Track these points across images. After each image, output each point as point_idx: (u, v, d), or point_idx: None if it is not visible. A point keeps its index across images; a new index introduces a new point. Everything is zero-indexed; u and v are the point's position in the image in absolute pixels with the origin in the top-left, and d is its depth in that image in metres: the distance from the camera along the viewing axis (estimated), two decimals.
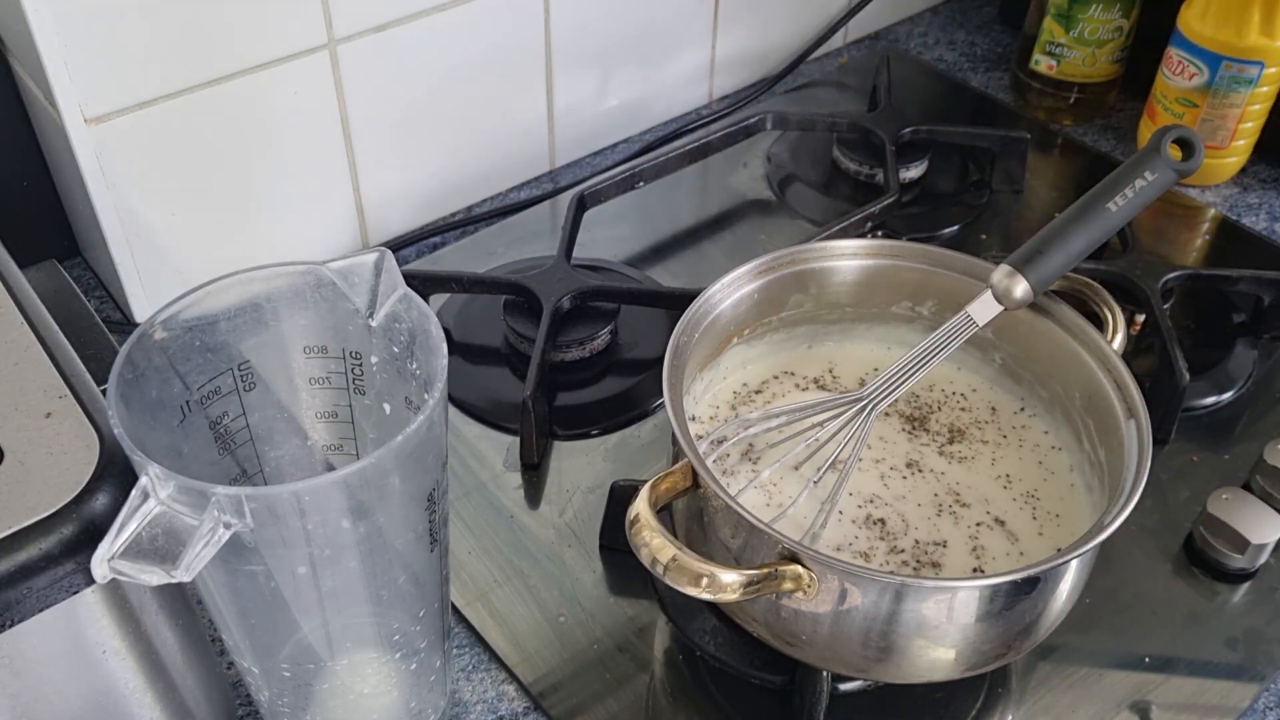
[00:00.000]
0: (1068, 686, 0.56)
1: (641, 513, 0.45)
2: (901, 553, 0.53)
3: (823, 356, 0.62)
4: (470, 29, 0.76)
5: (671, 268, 0.79)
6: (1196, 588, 0.60)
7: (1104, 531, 0.45)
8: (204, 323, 0.44)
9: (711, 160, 0.84)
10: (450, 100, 0.78)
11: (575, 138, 0.89)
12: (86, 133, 0.63)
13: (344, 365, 0.48)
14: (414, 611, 0.48)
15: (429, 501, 0.43)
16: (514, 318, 0.71)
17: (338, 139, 0.74)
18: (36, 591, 0.37)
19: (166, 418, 0.43)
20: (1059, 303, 0.56)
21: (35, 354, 0.42)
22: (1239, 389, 0.71)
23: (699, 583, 0.44)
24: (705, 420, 0.58)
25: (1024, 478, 0.56)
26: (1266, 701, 0.56)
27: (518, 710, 0.55)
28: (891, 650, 0.47)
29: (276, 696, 0.49)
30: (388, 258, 0.45)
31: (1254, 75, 0.80)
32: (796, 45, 0.99)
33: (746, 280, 0.57)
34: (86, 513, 0.38)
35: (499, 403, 0.68)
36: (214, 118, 0.67)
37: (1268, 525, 0.59)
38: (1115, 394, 0.53)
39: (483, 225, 0.83)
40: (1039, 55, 0.91)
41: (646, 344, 0.72)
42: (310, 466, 0.51)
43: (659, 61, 0.90)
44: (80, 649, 0.41)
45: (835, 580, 0.45)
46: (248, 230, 0.74)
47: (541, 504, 0.63)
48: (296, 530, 0.39)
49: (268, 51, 0.67)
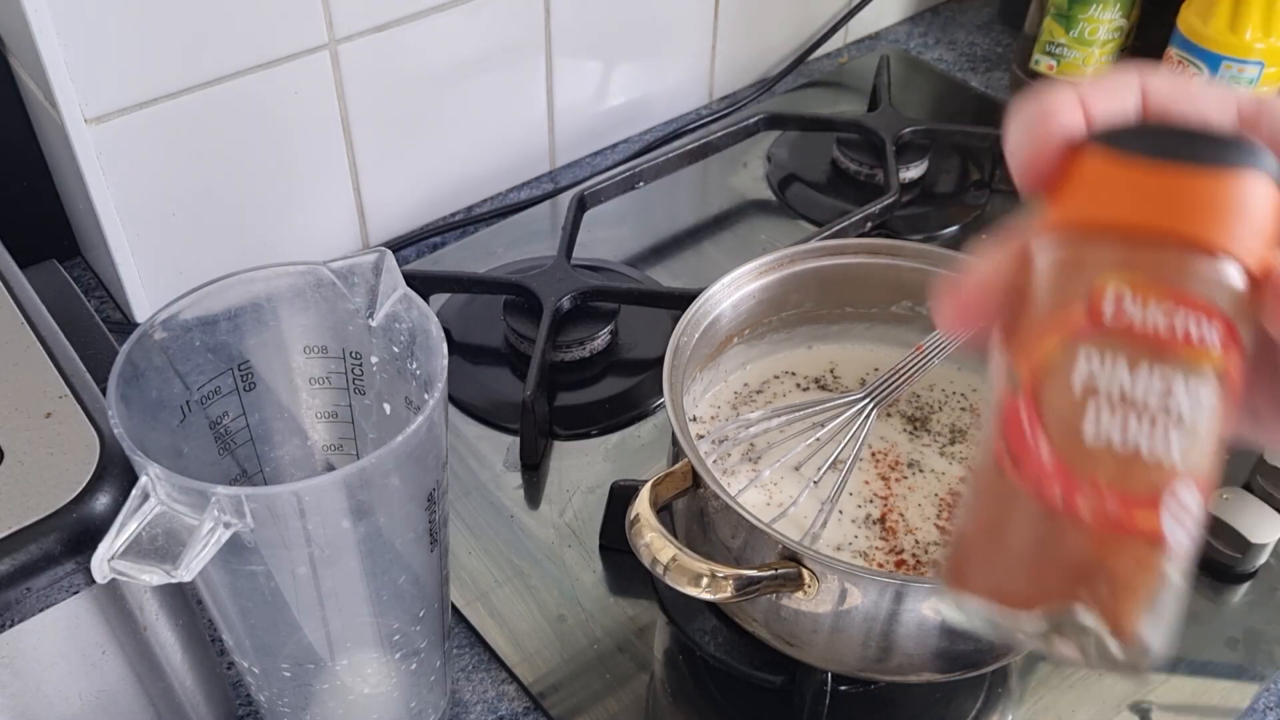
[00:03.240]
0: (1068, 687, 0.56)
1: (641, 513, 0.45)
2: (901, 553, 0.53)
3: (823, 356, 0.62)
4: (470, 29, 0.76)
5: (671, 268, 0.79)
6: (1196, 588, 0.60)
7: None
8: (204, 323, 0.44)
9: (711, 160, 0.84)
10: (450, 100, 0.78)
11: (575, 138, 0.89)
12: (86, 133, 0.63)
13: (344, 365, 0.48)
14: (414, 611, 0.48)
15: (429, 502, 0.43)
16: (514, 318, 0.71)
17: (338, 139, 0.74)
18: (36, 591, 0.37)
19: (166, 418, 0.43)
20: None
21: (35, 354, 0.42)
22: None
23: (699, 583, 0.44)
24: (705, 420, 0.58)
25: None
26: (1266, 701, 0.56)
27: (518, 710, 0.55)
28: (891, 650, 0.47)
29: (276, 696, 0.49)
30: (388, 258, 0.45)
31: (1254, 75, 0.80)
32: (796, 45, 0.99)
33: (747, 280, 0.57)
34: (86, 513, 0.38)
35: (499, 403, 0.68)
36: (214, 118, 0.67)
37: (1268, 525, 0.59)
38: None
39: (483, 225, 0.83)
40: (1039, 55, 0.91)
41: (646, 344, 0.72)
42: (310, 466, 0.51)
43: (659, 61, 0.90)
44: (80, 649, 0.41)
45: (835, 580, 0.45)
46: (248, 230, 0.74)
47: (541, 504, 0.63)
48: (296, 530, 0.39)
49: (268, 51, 0.67)
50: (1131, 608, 0.26)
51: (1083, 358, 0.26)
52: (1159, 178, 0.26)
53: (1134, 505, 0.26)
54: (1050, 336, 0.27)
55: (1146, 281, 0.26)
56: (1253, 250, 0.26)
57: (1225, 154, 0.26)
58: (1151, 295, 0.26)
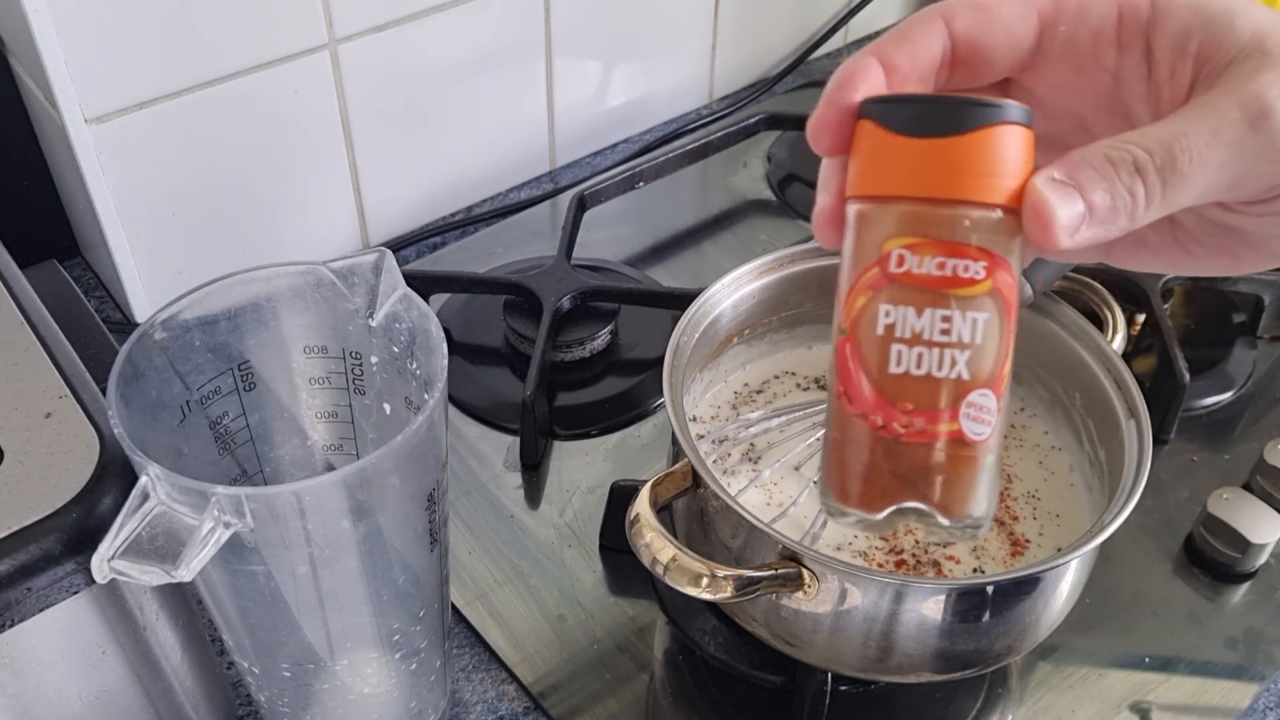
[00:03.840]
0: (1068, 686, 0.56)
1: (641, 513, 0.45)
2: (901, 553, 0.53)
3: (823, 356, 0.62)
4: (470, 29, 0.76)
5: (671, 268, 0.79)
6: (1196, 588, 0.60)
7: (1104, 531, 0.45)
8: (204, 323, 0.44)
9: (711, 160, 0.84)
10: (450, 100, 0.78)
11: (575, 138, 0.89)
12: (86, 133, 0.63)
13: (344, 365, 0.48)
14: (414, 611, 0.48)
15: (429, 501, 0.43)
16: (514, 318, 0.71)
17: (338, 139, 0.74)
18: (36, 591, 0.37)
19: (166, 418, 0.43)
20: (1059, 303, 0.56)
21: (35, 354, 0.42)
22: (1239, 389, 0.71)
23: (699, 583, 0.44)
24: (705, 420, 0.58)
25: (1024, 478, 0.56)
26: (1266, 701, 0.56)
27: (518, 710, 0.55)
28: (891, 650, 0.47)
29: (276, 696, 0.49)
30: (388, 258, 0.45)
31: None
32: (796, 45, 0.99)
33: (747, 280, 0.57)
34: (86, 513, 0.38)
35: (499, 403, 0.68)
36: (214, 118, 0.67)
37: (1268, 525, 0.59)
38: (1115, 394, 0.52)
39: (483, 225, 0.83)
40: None
41: (646, 344, 0.72)
42: (310, 466, 0.51)
43: (659, 61, 0.90)
44: (80, 649, 0.41)
45: (835, 580, 0.45)
46: (248, 230, 0.74)
47: (541, 504, 0.63)
48: (296, 530, 0.39)
49: (268, 51, 0.67)
50: (952, 494, 0.33)
51: (882, 308, 0.32)
52: (916, 149, 0.31)
53: (935, 419, 0.32)
54: (859, 293, 0.33)
55: (919, 240, 0.32)
56: (1001, 189, 0.31)
57: (967, 118, 0.31)
58: (924, 250, 0.32)
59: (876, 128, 0.32)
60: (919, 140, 0.31)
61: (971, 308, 0.32)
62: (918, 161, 0.32)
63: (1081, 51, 0.34)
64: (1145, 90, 0.33)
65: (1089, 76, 0.34)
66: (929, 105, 0.32)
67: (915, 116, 0.32)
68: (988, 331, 0.32)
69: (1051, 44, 0.34)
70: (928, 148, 0.31)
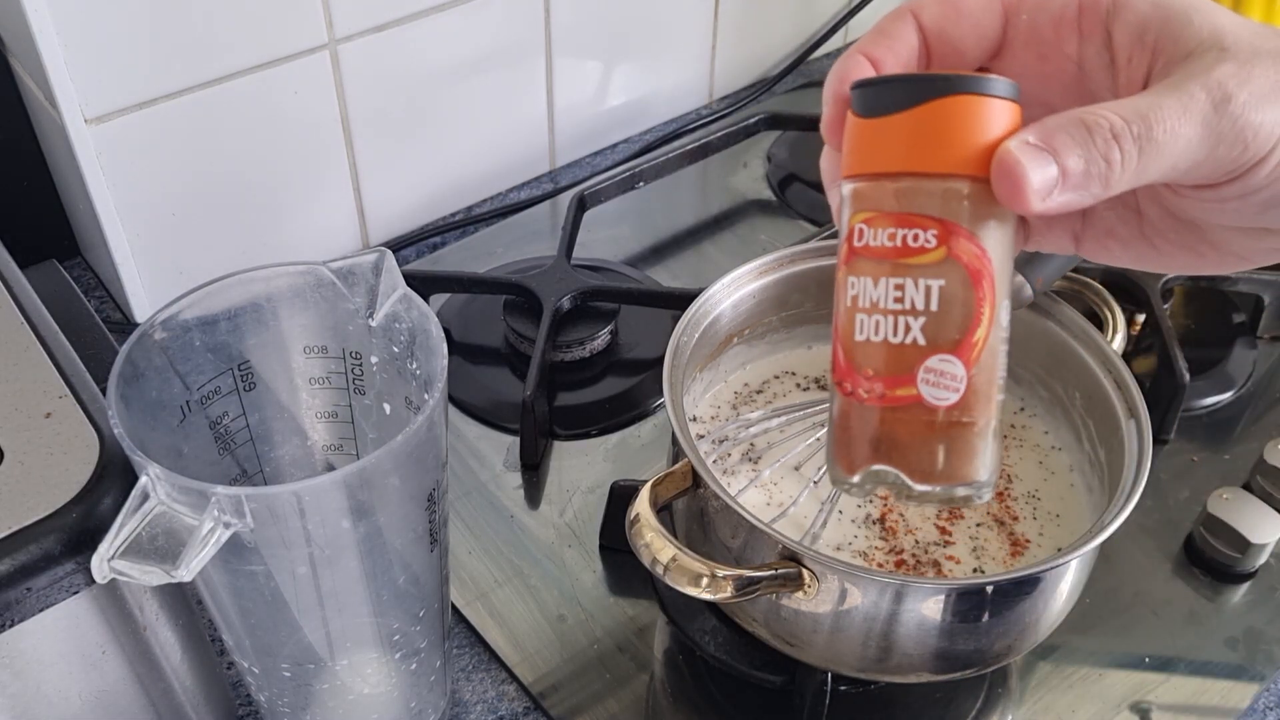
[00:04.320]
0: (1068, 686, 0.56)
1: (641, 513, 0.45)
2: (901, 553, 0.53)
3: (823, 356, 0.62)
4: (470, 29, 0.76)
5: (671, 268, 0.79)
6: (1196, 588, 0.60)
7: (1104, 531, 0.45)
8: (204, 323, 0.44)
9: (711, 160, 0.84)
10: (450, 100, 0.78)
11: (575, 138, 0.89)
12: (86, 133, 0.63)
13: (344, 365, 0.48)
14: (414, 612, 0.48)
15: (429, 501, 0.43)
16: (514, 318, 0.71)
17: (338, 139, 0.74)
18: (36, 591, 0.37)
19: (166, 418, 0.43)
20: (1059, 303, 0.56)
21: (35, 354, 0.42)
22: (1239, 389, 0.71)
23: (699, 583, 0.44)
24: (705, 420, 0.58)
25: (1024, 478, 0.56)
26: (1267, 701, 0.56)
27: (518, 710, 0.55)
28: (891, 650, 0.47)
29: (276, 696, 0.49)
30: (388, 258, 0.45)
31: None
32: (796, 45, 0.99)
33: (747, 280, 0.57)
34: (86, 513, 0.38)
35: (499, 403, 0.68)
36: (214, 118, 0.67)
37: (1268, 525, 0.59)
38: (1115, 394, 0.53)
39: (483, 225, 0.83)
40: None
41: (646, 344, 0.72)
42: (310, 466, 0.51)
43: (659, 61, 0.90)
44: (80, 649, 0.41)
45: (835, 580, 0.45)
46: (248, 230, 0.74)
47: (541, 504, 0.63)
48: (296, 530, 0.39)
49: (268, 51, 0.67)
50: (918, 459, 0.33)
51: (849, 280, 0.34)
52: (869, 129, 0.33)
53: (895, 384, 0.33)
54: (838, 269, 0.34)
55: (873, 213, 0.33)
56: (952, 158, 0.32)
57: (912, 94, 0.32)
58: (877, 223, 0.33)
59: (849, 113, 0.34)
60: (871, 120, 0.33)
61: (925, 275, 0.32)
62: (871, 140, 0.33)
63: (1044, 40, 0.35)
64: (1109, 79, 0.34)
65: (1053, 64, 0.35)
66: (882, 86, 0.33)
67: (868, 98, 0.33)
68: (946, 298, 0.32)
69: (1016, 32, 0.35)
70: (877, 126, 0.33)
